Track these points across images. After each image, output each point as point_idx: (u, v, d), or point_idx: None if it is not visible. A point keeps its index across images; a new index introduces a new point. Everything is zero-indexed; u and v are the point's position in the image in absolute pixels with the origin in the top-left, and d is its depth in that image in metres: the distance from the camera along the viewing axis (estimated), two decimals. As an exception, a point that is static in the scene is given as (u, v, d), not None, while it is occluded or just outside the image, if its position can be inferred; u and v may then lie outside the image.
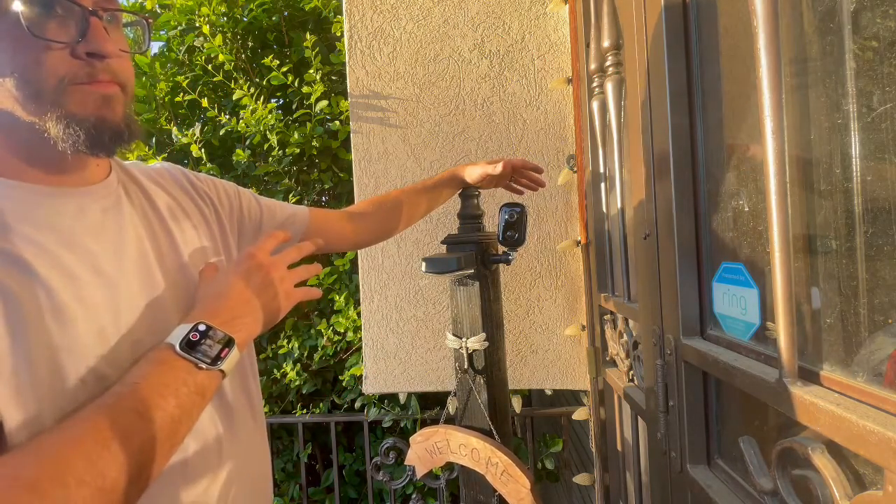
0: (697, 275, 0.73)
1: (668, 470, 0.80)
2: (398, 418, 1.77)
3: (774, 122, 0.50)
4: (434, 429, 1.13)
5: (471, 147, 1.43)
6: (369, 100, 1.45)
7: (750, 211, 0.61)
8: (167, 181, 0.68)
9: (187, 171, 0.72)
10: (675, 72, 0.73)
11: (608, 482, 1.28)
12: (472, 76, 1.42)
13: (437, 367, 1.46)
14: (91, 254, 0.52)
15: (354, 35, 1.44)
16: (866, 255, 0.44)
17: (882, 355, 0.43)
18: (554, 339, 1.42)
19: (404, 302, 1.46)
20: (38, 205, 0.50)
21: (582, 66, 1.29)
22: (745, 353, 0.61)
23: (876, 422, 0.40)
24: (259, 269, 0.57)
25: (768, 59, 0.50)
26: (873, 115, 0.43)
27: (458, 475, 1.39)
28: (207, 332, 0.50)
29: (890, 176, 0.42)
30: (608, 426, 1.25)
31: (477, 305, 1.10)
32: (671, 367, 0.77)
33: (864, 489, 0.44)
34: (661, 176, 0.77)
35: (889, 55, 0.42)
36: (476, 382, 1.11)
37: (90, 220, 0.53)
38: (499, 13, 1.41)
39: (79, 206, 0.53)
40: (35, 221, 0.49)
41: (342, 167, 2.01)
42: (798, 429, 0.51)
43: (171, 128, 2.20)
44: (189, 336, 0.49)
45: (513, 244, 1.07)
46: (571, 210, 1.41)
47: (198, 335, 0.49)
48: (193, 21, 2.09)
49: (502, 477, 1.02)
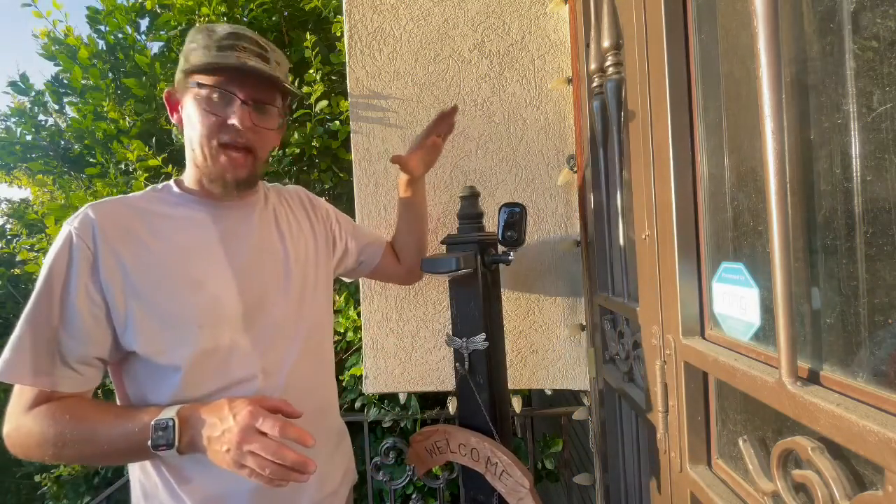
0: (697, 275, 0.73)
1: (668, 470, 0.80)
2: (398, 418, 1.77)
3: (774, 122, 0.49)
4: (434, 429, 1.13)
5: (471, 147, 1.43)
6: (369, 100, 1.45)
7: (750, 211, 0.61)
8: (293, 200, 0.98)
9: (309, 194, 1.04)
10: (675, 72, 0.73)
11: (608, 482, 1.28)
12: (472, 76, 1.42)
13: (437, 367, 1.46)
14: (227, 247, 0.81)
15: (354, 35, 1.44)
16: (866, 255, 0.44)
17: (882, 355, 0.43)
18: (554, 339, 1.42)
19: (404, 302, 1.46)
20: (202, 213, 0.82)
21: (582, 66, 1.28)
22: (745, 353, 0.61)
23: (876, 422, 0.40)
24: (239, 430, 0.65)
25: (768, 59, 0.50)
26: (873, 115, 0.43)
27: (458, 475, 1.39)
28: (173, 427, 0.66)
29: (890, 176, 0.42)
30: (608, 426, 1.25)
31: (477, 305, 1.10)
32: (671, 367, 0.77)
33: (864, 489, 0.44)
34: (661, 176, 0.77)
35: (889, 55, 0.42)
36: (476, 382, 1.11)
37: (236, 226, 0.84)
38: (499, 13, 1.41)
39: (241, 216, 0.85)
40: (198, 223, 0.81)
41: (342, 167, 2.01)
42: (798, 429, 0.51)
43: (171, 128, 2.21)
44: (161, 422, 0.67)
45: (512, 244, 1.07)
46: (571, 210, 1.41)
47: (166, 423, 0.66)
48: (194, 21, 2.09)
49: (502, 477, 1.02)
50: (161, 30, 2.26)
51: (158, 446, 0.66)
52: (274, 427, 0.64)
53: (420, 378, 1.46)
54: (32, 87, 2.91)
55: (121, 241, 0.73)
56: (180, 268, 0.75)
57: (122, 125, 2.27)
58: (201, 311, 0.75)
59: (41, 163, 2.78)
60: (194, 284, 0.75)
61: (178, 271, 0.75)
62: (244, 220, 0.85)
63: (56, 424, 0.68)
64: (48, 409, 0.69)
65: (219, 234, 0.81)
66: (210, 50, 0.74)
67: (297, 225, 0.95)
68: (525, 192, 1.42)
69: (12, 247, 2.85)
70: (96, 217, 0.73)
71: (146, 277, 0.73)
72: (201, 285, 0.76)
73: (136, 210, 0.77)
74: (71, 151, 2.77)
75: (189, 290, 0.75)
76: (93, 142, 2.43)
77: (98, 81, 2.29)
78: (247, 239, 0.84)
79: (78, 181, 2.73)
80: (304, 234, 0.95)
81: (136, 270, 0.72)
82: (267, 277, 0.84)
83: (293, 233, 0.93)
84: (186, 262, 0.76)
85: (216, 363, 0.76)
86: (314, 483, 0.85)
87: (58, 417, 0.68)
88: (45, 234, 2.46)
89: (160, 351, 0.73)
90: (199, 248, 0.79)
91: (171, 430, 0.66)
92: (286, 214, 0.94)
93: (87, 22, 2.41)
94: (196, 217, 0.81)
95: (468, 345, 1.11)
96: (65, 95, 2.84)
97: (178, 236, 0.78)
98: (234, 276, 0.80)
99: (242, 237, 0.84)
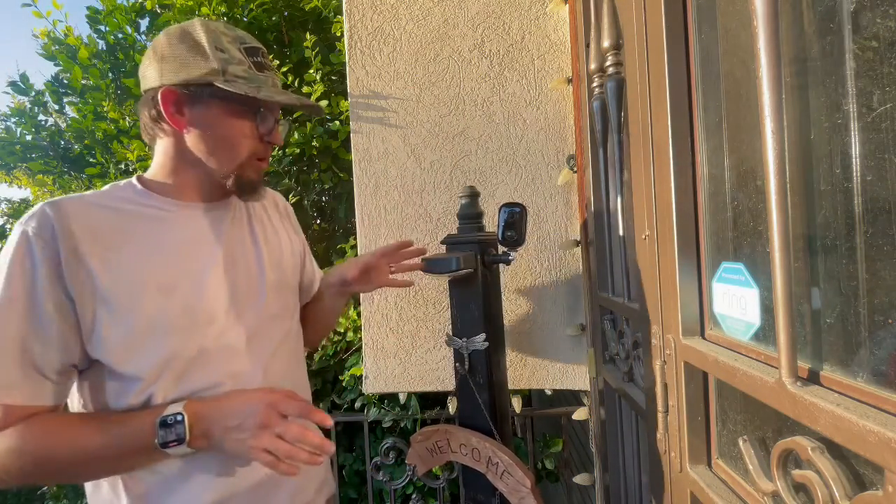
0: (697, 275, 0.73)
1: (668, 470, 0.80)
2: (398, 418, 1.77)
3: (774, 122, 0.49)
4: (434, 428, 1.13)
5: (471, 147, 1.43)
6: (369, 100, 1.45)
7: (750, 211, 0.61)
8: (269, 202, 0.96)
9: (287, 205, 1.03)
10: (675, 72, 0.73)
11: (608, 482, 1.28)
12: (472, 76, 1.42)
13: (437, 367, 1.46)
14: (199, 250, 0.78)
15: (354, 35, 1.44)
16: (866, 255, 0.44)
17: (882, 355, 0.43)
18: (554, 339, 1.42)
19: (404, 302, 1.46)
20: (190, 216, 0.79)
21: (582, 66, 1.29)
22: (745, 353, 0.61)
23: (876, 422, 0.40)
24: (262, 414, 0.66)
25: (768, 59, 0.50)
26: (873, 115, 0.43)
27: (459, 475, 1.39)
28: (183, 421, 0.65)
29: (890, 176, 0.42)
30: (608, 426, 1.25)
31: (477, 305, 1.10)
32: (671, 367, 0.77)
33: (864, 489, 0.44)
34: (661, 176, 0.77)
35: (889, 55, 0.42)
36: (476, 382, 1.11)
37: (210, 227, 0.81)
38: (499, 13, 1.41)
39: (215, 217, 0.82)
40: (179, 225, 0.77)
41: (342, 167, 2.01)
42: (798, 429, 0.51)
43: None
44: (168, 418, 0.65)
45: (512, 244, 1.07)
46: (571, 210, 1.41)
47: (174, 418, 0.65)
48: (193, 21, 2.08)
49: (503, 476, 1.02)
50: (161, 30, 2.27)
51: (168, 443, 0.64)
52: (297, 408, 0.65)
53: (420, 378, 1.47)
54: (32, 87, 2.91)
55: (85, 242, 0.67)
56: (150, 271, 0.70)
57: (122, 125, 2.27)
58: (171, 318, 0.70)
59: (41, 163, 2.78)
60: (164, 289, 0.71)
61: (147, 275, 0.70)
62: (216, 221, 0.81)
63: (35, 440, 0.63)
64: (23, 426, 0.64)
65: (190, 236, 0.77)
66: (245, 65, 0.74)
67: (271, 227, 0.92)
68: (525, 192, 1.42)
69: (12, 247, 2.84)
70: (55, 216, 0.66)
71: (114, 281, 0.67)
72: (171, 290, 0.71)
73: (100, 209, 0.71)
74: (71, 151, 2.78)
75: (159, 296, 0.70)
76: (93, 142, 2.43)
77: (98, 81, 2.29)
78: (219, 240, 0.80)
79: (78, 181, 2.73)
80: (278, 237, 0.92)
81: (102, 274, 0.67)
82: (240, 280, 0.80)
83: (267, 234, 0.89)
84: (156, 266, 0.71)
85: (186, 370, 0.72)
86: (285, 497, 0.80)
87: (35, 432, 0.64)
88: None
89: (125, 360, 0.68)
90: (169, 250, 0.74)
91: (181, 424, 0.64)
92: (260, 216, 0.91)
93: (87, 22, 2.41)
94: (167, 217, 0.76)
95: (468, 345, 1.11)
96: (65, 95, 2.84)
97: (148, 238, 0.73)
98: (205, 280, 0.75)
99: (214, 239, 0.80)
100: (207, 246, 0.78)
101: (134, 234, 0.72)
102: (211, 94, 0.73)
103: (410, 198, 1.45)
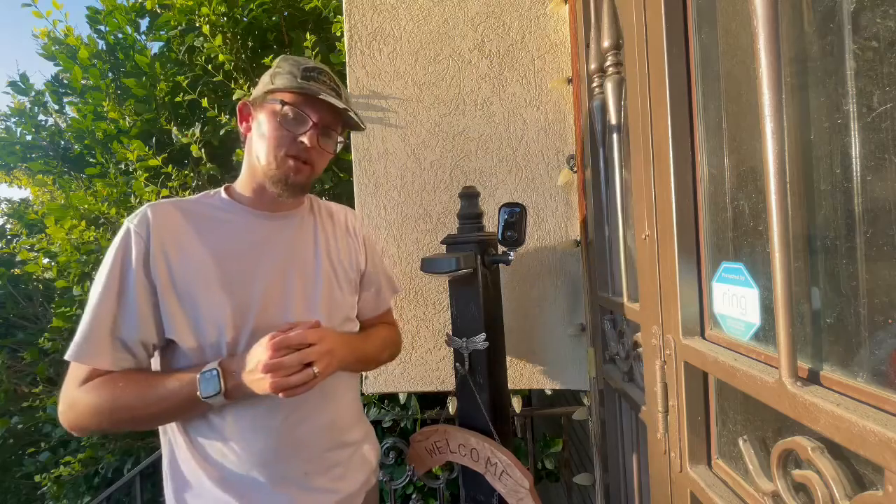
0: (697, 275, 0.73)
1: (668, 470, 0.80)
2: (398, 418, 1.77)
3: (774, 122, 0.49)
4: (433, 428, 1.13)
5: (471, 147, 1.43)
6: (369, 100, 1.45)
7: (750, 211, 0.61)
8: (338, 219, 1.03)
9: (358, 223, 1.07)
10: (675, 72, 0.73)
11: (608, 482, 1.28)
12: (472, 76, 1.42)
13: (437, 367, 1.46)
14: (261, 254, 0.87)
15: (354, 35, 1.44)
16: (866, 255, 0.44)
17: (882, 355, 0.43)
18: (554, 339, 1.42)
19: (404, 302, 1.46)
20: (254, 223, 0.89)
21: (582, 66, 1.29)
22: (745, 353, 0.61)
23: (876, 422, 0.40)
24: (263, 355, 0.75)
25: (768, 59, 0.50)
26: (873, 115, 0.43)
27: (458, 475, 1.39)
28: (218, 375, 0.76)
29: (890, 176, 0.42)
30: (608, 426, 1.25)
31: (477, 305, 1.10)
32: (671, 367, 0.77)
33: (864, 489, 0.44)
34: (661, 176, 0.77)
35: (889, 55, 0.42)
36: (476, 382, 1.11)
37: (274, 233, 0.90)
38: (499, 13, 1.41)
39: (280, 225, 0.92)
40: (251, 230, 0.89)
41: (342, 167, 2.01)
42: (798, 429, 0.51)
43: (171, 128, 2.20)
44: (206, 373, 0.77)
45: (512, 244, 1.07)
46: (571, 210, 1.41)
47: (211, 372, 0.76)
48: (193, 21, 2.09)
49: (502, 477, 1.02)
50: (161, 30, 2.26)
51: (208, 395, 0.75)
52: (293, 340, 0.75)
53: (420, 378, 1.47)
54: (32, 87, 2.92)
55: (169, 239, 0.81)
56: (213, 269, 0.82)
57: (122, 125, 2.27)
58: (225, 313, 0.81)
59: (41, 163, 2.78)
60: (224, 286, 0.82)
61: (211, 273, 0.81)
62: (282, 229, 0.91)
63: (109, 392, 0.76)
64: (100, 381, 0.77)
65: (255, 241, 0.88)
66: (295, 77, 0.85)
67: (334, 242, 0.99)
68: (525, 192, 1.42)
69: (12, 247, 2.85)
70: (152, 216, 0.81)
71: (185, 276, 0.80)
72: (230, 287, 0.82)
73: (185, 212, 0.85)
74: (71, 151, 2.78)
75: (218, 292, 0.81)
76: (93, 142, 2.43)
77: (98, 81, 2.29)
78: (281, 247, 0.90)
79: (78, 181, 2.73)
80: (339, 252, 0.99)
81: (177, 267, 0.80)
82: (295, 286, 0.89)
83: (329, 247, 0.97)
84: (220, 265, 0.82)
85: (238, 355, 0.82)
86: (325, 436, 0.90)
87: (110, 386, 0.76)
88: (45, 234, 2.46)
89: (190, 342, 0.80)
90: (234, 252, 0.85)
91: (216, 378, 0.76)
92: (324, 228, 0.99)
93: (87, 22, 2.41)
94: (237, 222, 0.88)
95: (468, 345, 1.11)
96: (65, 95, 2.84)
97: (218, 240, 0.85)
98: (262, 281, 0.85)
99: (277, 245, 0.89)
100: (269, 251, 0.88)
101: (207, 237, 0.84)
102: (261, 101, 0.87)
103: (410, 198, 1.45)
